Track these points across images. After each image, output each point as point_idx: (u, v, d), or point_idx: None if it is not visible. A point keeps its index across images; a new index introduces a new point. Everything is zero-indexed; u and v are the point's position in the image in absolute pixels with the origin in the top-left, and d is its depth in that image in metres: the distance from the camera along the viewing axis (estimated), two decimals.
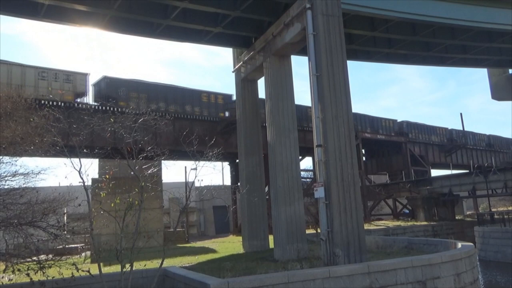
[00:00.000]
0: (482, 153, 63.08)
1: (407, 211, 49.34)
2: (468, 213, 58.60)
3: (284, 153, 19.27)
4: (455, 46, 29.14)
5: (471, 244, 16.45)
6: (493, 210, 42.27)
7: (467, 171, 44.31)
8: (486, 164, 46.69)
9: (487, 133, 66.16)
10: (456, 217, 45.17)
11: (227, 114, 36.09)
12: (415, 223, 40.27)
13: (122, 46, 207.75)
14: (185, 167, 35.31)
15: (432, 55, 29.52)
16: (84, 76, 29.89)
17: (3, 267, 12.13)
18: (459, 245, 15.82)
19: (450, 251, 14.64)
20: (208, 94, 36.51)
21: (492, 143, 65.74)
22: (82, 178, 10.75)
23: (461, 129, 60.56)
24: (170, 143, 29.18)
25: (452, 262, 13.15)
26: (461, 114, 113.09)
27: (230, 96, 36.86)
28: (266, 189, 26.22)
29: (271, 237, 21.00)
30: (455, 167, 56.80)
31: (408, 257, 13.36)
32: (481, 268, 24.96)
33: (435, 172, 59.82)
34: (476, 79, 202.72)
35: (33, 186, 14.47)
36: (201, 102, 35.43)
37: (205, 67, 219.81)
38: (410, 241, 20.10)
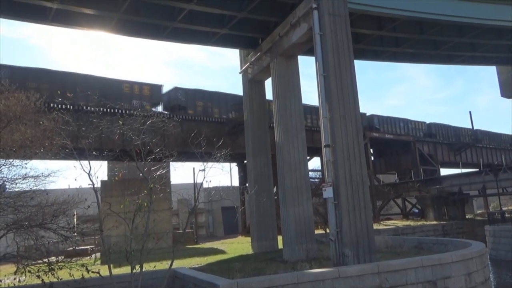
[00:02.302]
0: (492, 152, 62.51)
1: (417, 210, 48.98)
2: (478, 212, 57.95)
3: (292, 153, 19.25)
4: (464, 44, 28.91)
5: (482, 243, 16.31)
6: (504, 208, 41.86)
7: (477, 169, 43.95)
8: (496, 163, 46.26)
9: (497, 131, 65.37)
10: (466, 216, 44.71)
11: (159, 108, 33.04)
12: (425, 222, 39.95)
13: (127, 47, 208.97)
14: (194, 168, 35.47)
15: (440, 54, 29.34)
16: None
17: (14, 268, 12.25)
18: (470, 244, 15.69)
19: (460, 250, 14.51)
20: (131, 84, 31.78)
21: (501, 141, 65.17)
22: (91, 180, 10.84)
23: (470, 127, 60.25)
24: (178, 145, 29.27)
25: (463, 261, 13.03)
26: (470, 112, 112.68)
27: (159, 87, 33.19)
28: (275, 189, 26.20)
29: (280, 238, 20.99)
30: (465, 165, 56.36)
31: (418, 257, 13.27)
32: (492, 268, 24.70)
33: (444, 171, 59.32)
34: (484, 77, 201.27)
35: (43, 189, 14.60)
36: (123, 93, 30.68)
37: (210, 68, 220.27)
38: (420, 240, 19.97)
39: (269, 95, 22.80)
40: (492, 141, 61.78)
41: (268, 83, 22.50)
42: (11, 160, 13.35)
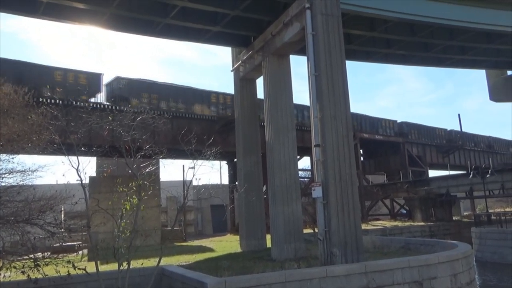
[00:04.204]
0: (480, 154, 63.25)
1: (405, 211, 49.42)
2: (465, 214, 58.60)
3: (282, 152, 19.27)
4: (454, 47, 29.15)
5: (468, 245, 16.49)
6: (490, 211, 42.35)
7: (465, 172, 44.40)
8: (483, 165, 46.79)
9: (486, 134, 65.68)
10: (453, 218, 45.22)
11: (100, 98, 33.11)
12: (412, 223, 40.34)
13: (120, 44, 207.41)
14: (183, 165, 35.23)
15: (431, 56, 29.53)
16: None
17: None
18: (456, 245, 15.85)
19: (447, 251, 14.66)
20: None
21: (492, 145, 65.88)
22: (79, 176, 10.75)
23: (459, 130, 60.81)
24: (168, 142, 29.08)
25: (449, 262, 13.18)
26: (459, 115, 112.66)
27: (98, 75, 32.95)
28: (264, 188, 26.21)
29: (268, 237, 21.01)
30: (453, 168, 56.97)
31: (405, 257, 13.38)
32: (478, 269, 24.98)
33: (432, 173, 59.76)
34: (473, 80, 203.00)
35: (30, 184, 14.44)
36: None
37: (201, 66, 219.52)
38: (407, 241, 20.12)
39: (260, 94, 22.80)
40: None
41: (260, 82, 22.54)
42: None
